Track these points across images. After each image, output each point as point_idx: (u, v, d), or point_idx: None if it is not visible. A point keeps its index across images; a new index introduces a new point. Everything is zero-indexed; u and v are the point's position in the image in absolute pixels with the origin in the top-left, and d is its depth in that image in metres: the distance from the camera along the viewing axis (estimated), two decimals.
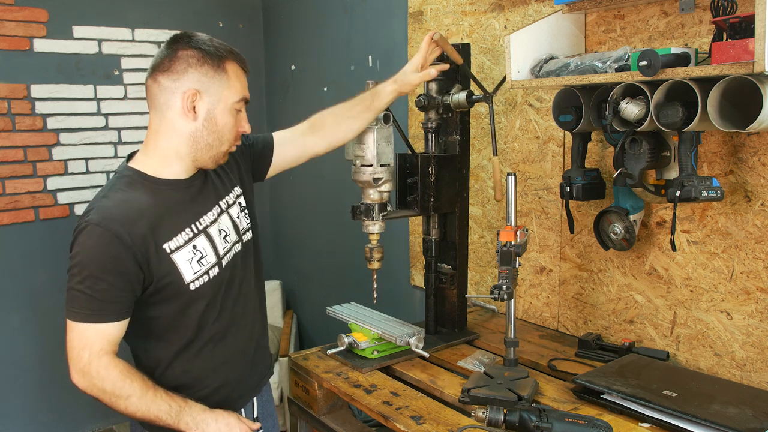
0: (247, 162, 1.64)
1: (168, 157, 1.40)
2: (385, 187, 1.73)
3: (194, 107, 1.36)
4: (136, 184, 1.38)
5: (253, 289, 1.58)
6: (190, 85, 1.35)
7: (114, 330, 1.34)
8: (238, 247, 1.52)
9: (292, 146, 1.70)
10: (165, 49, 1.37)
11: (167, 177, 1.41)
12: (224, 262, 1.46)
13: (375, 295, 1.84)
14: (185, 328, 1.42)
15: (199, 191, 1.47)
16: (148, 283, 1.35)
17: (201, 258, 1.41)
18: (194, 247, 1.40)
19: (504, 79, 1.83)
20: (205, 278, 1.42)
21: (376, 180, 1.71)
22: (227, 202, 1.52)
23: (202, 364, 1.46)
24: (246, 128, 1.45)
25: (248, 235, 1.57)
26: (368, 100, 1.65)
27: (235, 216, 1.53)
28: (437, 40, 1.65)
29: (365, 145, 1.70)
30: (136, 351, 1.47)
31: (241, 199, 1.57)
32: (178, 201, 1.42)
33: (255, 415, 1.62)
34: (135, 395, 1.32)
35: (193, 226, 1.42)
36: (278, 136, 1.70)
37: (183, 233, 1.39)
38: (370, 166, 1.70)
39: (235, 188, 1.56)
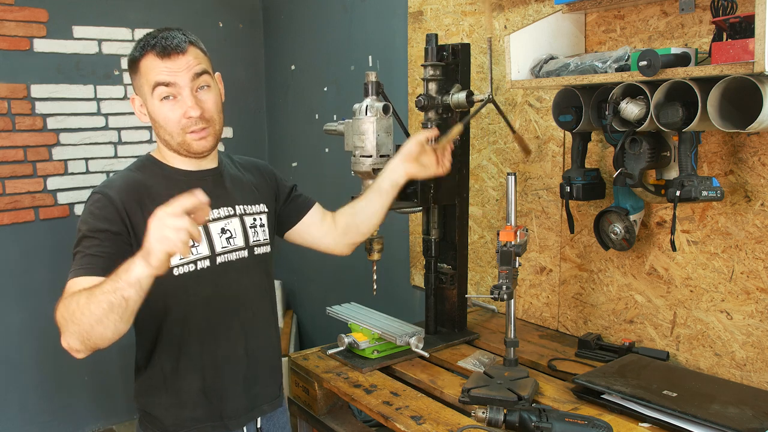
0: (280, 202, 1.64)
1: (165, 150, 1.47)
2: None
3: (145, 111, 1.43)
4: (147, 167, 1.47)
5: (259, 307, 1.55)
6: (133, 93, 1.45)
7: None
8: (245, 254, 1.50)
9: (322, 226, 1.69)
10: None
11: (175, 166, 1.47)
12: (219, 260, 1.45)
13: (375, 287, 1.84)
14: (172, 317, 1.41)
15: (211, 189, 1.45)
16: (137, 251, 1.31)
17: (191, 246, 1.39)
18: None
19: (507, 122, 1.82)
20: (191, 267, 1.41)
21: (375, 171, 1.69)
22: (244, 210, 1.52)
23: (188, 362, 1.44)
24: (189, 112, 1.37)
25: (263, 249, 1.55)
26: (375, 193, 1.64)
27: (248, 225, 1.52)
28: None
29: (365, 135, 1.69)
30: (140, 342, 1.47)
31: (263, 218, 1.56)
32: (183, 188, 1.41)
33: None
34: (82, 296, 1.17)
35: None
36: (318, 209, 1.69)
37: None
38: (370, 156, 1.69)
39: (261, 205, 1.57)
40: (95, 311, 1.16)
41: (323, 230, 1.69)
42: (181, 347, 1.44)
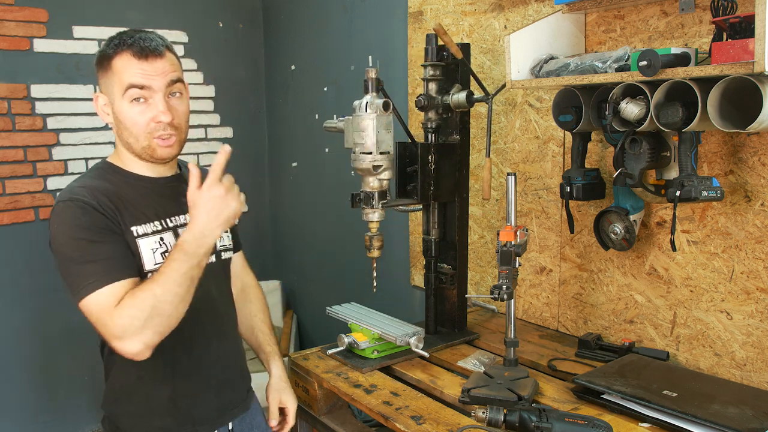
0: None
1: (126, 154, 1.43)
2: (385, 175, 1.72)
3: (110, 111, 1.38)
4: (107, 174, 1.41)
5: (227, 310, 1.56)
6: (98, 90, 1.39)
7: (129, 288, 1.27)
8: (212, 258, 1.50)
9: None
10: None
11: (136, 172, 1.43)
12: None
13: (375, 284, 1.83)
14: None
15: (173, 194, 1.45)
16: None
17: (165, 251, 1.39)
18: (161, 239, 1.40)
19: (504, 86, 1.83)
20: None
21: (375, 167, 1.69)
22: None
23: (157, 369, 1.42)
24: (159, 117, 1.34)
25: (228, 254, 1.57)
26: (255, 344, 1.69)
27: None
28: (437, 29, 1.65)
29: (365, 132, 1.68)
30: (105, 349, 1.44)
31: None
32: (146, 194, 1.42)
33: None
34: (153, 289, 1.22)
35: (162, 221, 1.42)
36: (238, 258, 1.71)
37: (151, 224, 1.39)
38: (370, 153, 1.69)
39: None
40: (179, 291, 1.23)
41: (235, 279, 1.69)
42: (152, 354, 1.39)
